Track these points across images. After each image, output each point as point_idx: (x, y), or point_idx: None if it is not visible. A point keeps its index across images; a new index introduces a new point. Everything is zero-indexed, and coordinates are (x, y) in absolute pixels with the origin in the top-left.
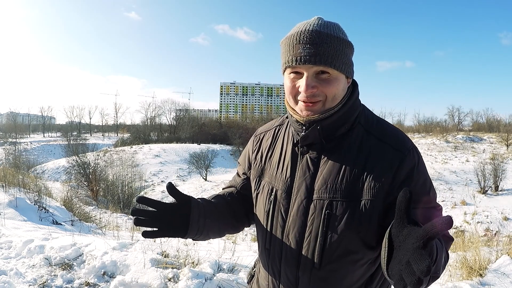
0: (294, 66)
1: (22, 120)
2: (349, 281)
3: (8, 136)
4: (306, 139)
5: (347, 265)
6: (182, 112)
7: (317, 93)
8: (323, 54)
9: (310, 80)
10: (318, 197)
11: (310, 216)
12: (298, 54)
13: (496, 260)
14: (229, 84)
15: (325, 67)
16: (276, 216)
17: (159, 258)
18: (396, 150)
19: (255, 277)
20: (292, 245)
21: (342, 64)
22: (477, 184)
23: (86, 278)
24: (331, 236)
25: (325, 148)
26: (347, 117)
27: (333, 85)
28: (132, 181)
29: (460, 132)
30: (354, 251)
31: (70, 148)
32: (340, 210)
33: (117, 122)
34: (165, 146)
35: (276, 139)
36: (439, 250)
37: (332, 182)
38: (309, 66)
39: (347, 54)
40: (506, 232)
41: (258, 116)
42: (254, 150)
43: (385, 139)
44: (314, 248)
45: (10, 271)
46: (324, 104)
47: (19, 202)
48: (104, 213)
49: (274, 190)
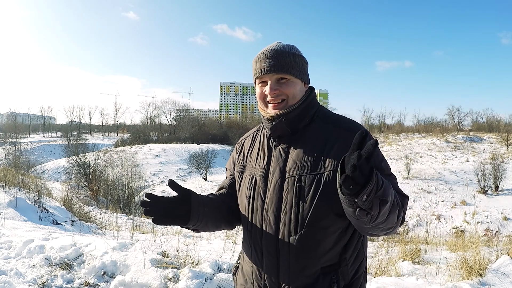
0: (260, 76)
1: (22, 120)
2: (324, 248)
3: (8, 136)
4: (275, 130)
5: (319, 231)
6: (182, 112)
7: (279, 94)
8: (279, 65)
9: (273, 84)
10: (290, 175)
11: (285, 191)
12: (262, 67)
13: (496, 260)
14: (229, 84)
15: (283, 74)
16: (256, 199)
17: (159, 258)
18: (348, 131)
19: (239, 267)
20: (271, 220)
21: (297, 71)
22: (477, 184)
23: (86, 278)
24: (303, 205)
25: (292, 139)
26: (306, 112)
27: (291, 87)
28: (132, 181)
29: (460, 132)
30: (323, 217)
31: (70, 148)
32: (308, 182)
33: (117, 122)
34: (165, 146)
35: (255, 141)
36: (385, 181)
37: (300, 162)
38: (271, 74)
39: (301, 65)
40: (506, 232)
41: (258, 116)
42: (237, 152)
43: (340, 124)
44: (290, 218)
45: (10, 271)
46: (287, 102)
47: (19, 202)
48: (104, 213)
49: (254, 177)
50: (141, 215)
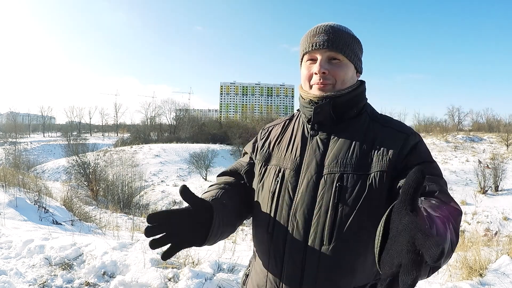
0: (310, 51)
1: (22, 120)
2: (361, 264)
3: (8, 136)
4: (319, 112)
5: (358, 243)
6: (182, 112)
7: (328, 76)
8: (334, 41)
9: (323, 62)
10: (329, 172)
11: (320, 190)
12: (314, 41)
13: (496, 260)
14: (229, 84)
15: (336, 53)
16: (283, 195)
17: (159, 258)
18: (400, 132)
19: (249, 276)
20: (299, 223)
21: (351, 53)
22: (477, 184)
23: (86, 278)
24: (342, 209)
25: (334, 129)
26: (356, 101)
27: (342, 70)
28: (132, 181)
29: (460, 132)
30: (365, 227)
31: (70, 148)
32: (352, 182)
33: (117, 122)
34: (165, 146)
35: (285, 130)
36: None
37: (342, 158)
38: (323, 50)
39: (356, 48)
40: (506, 232)
41: (258, 116)
42: (261, 138)
43: (389, 124)
44: (324, 223)
45: (10, 271)
46: (334, 87)
47: (19, 202)
48: (104, 213)
49: (281, 170)
50: (141, 215)
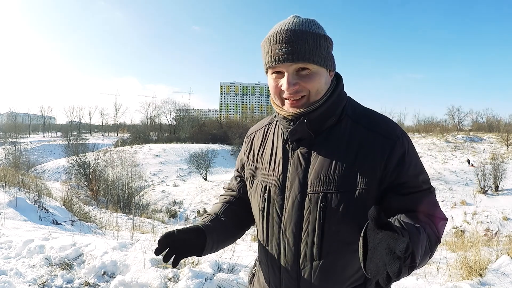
0: (274, 66)
1: (22, 120)
2: (351, 270)
3: (8, 136)
4: (294, 134)
5: (346, 255)
6: (182, 112)
7: (299, 89)
8: (299, 51)
9: (291, 78)
10: (312, 191)
11: (306, 210)
12: (276, 54)
13: (496, 260)
14: (229, 84)
15: (304, 63)
16: (272, 213)
17: (159, 258)
18: (386, 138)
19: (256, 275)
20: (290, 241)
21: (321, 58)
22: (477, 184)
23: (86, 278)
24: (328, 228)
25: (315, 142)
26: (333, 109)
27: (314, 80)
28: (132, 181)
29: (460, 132)
30: (352, 241)
31: (70, 148)
32: (336, 202)
33: (117, 122)
34: (165, 146)
35: (267, 138)
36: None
37: (325, 175)
38: (288, 64)
39: (325, 48)
40: (506, 232)
41: (258, 116)
42: (246, 150)
43: (374, 128)
44: (313, 241)
45: (10, 271)
46: (309, 99)
47: (19, 202)
48: (104, 213)
49: (267, 187)
50: (141, 215)
